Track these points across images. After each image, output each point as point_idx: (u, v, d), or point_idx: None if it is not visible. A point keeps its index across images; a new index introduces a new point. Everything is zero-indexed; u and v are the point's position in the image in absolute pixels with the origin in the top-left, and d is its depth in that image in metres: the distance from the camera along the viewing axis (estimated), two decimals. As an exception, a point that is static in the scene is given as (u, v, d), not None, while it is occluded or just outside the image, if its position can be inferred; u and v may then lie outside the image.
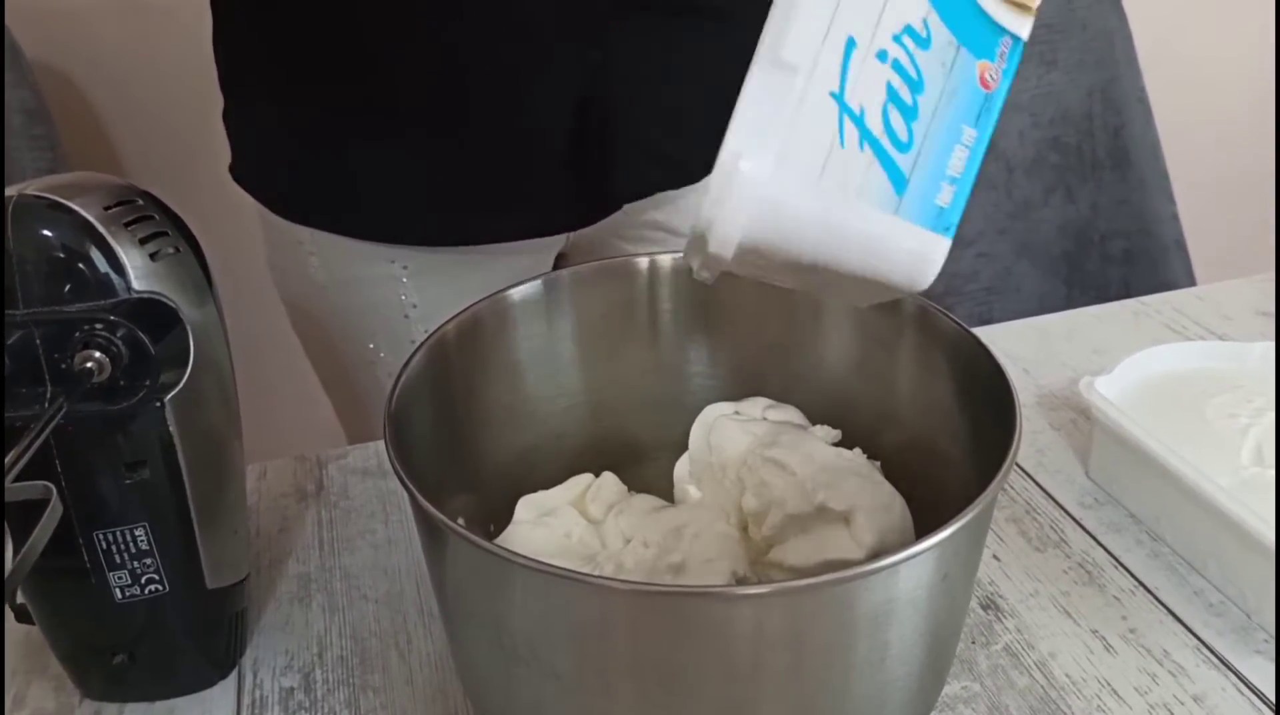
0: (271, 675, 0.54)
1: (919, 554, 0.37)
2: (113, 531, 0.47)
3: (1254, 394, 0.64)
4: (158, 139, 1.27)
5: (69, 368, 0.43)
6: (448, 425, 0.50)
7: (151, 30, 1.22)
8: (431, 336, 0.49)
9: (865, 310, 0.53)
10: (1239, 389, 0.65)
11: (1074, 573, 0.59)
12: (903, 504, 0.50)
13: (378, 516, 0.65)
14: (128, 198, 0.45)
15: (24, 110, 1.06)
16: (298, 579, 0.60)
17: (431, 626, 0.57)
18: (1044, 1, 0.38)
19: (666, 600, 0.38)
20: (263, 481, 0.68)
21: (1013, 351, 0.78)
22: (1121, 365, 0.66)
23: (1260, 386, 0.65)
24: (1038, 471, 0.67)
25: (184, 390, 0.46)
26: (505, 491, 0.54)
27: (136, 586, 0.48)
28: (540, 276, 0.53)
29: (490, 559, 0.38)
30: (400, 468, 0.40)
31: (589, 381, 0.56)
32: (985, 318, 1.22)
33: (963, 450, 0.49)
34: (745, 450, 0.52)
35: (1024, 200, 1.34)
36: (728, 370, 0.57)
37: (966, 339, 0.48)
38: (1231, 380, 0.66)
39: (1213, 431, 0.62)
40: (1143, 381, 0.66)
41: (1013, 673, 0.53)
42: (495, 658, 0.42)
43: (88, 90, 1.24)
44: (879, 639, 0.39)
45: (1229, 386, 0.65)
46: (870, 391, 0.54)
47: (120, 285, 0.44)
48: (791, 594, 0.37)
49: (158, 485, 0.47)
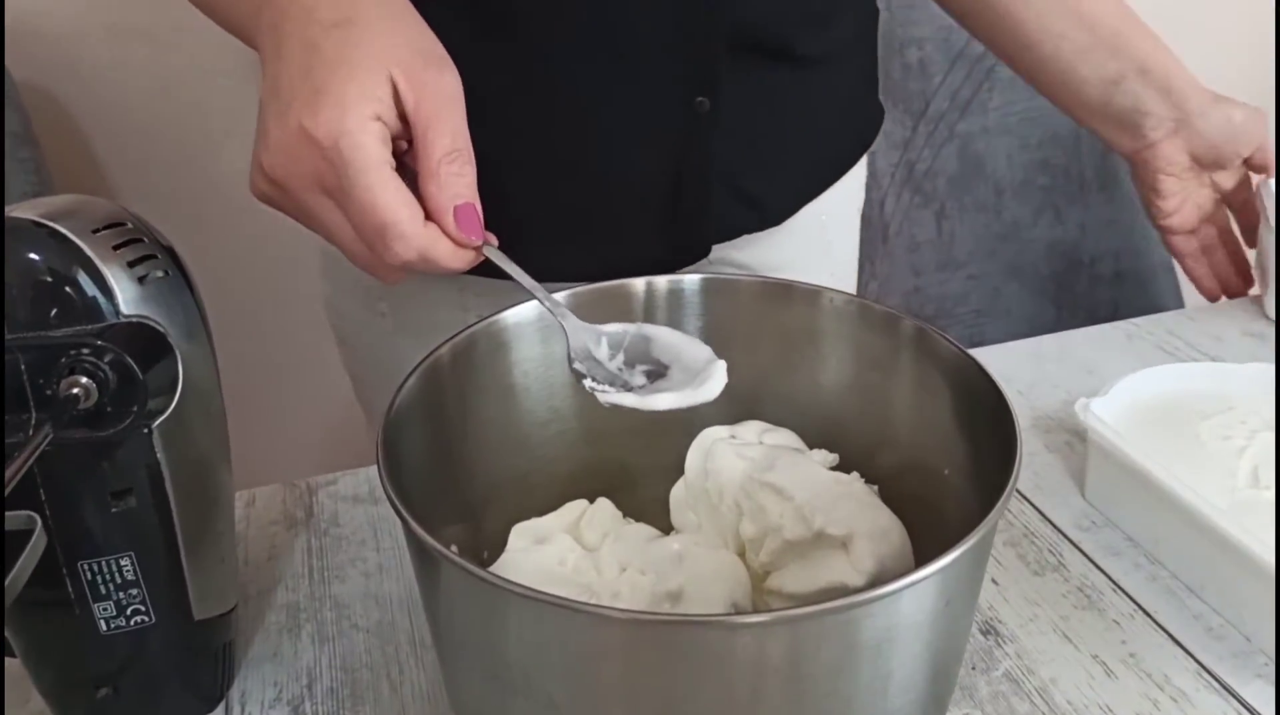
0: (260, 708, 0.53)
1: (921, 580, 0.36)
2: (98, 561, 0.46)
3: (1248, 414, 0.64)
4: (145, 162, 1.26)
5: (55, 394, 0.42)
6: (441, 450, 0.50)
7: (139, 53, 1.21)
8: (426, 360, 0.48)
9: (862, 332, 0.53)
10: (1232, 411, 0.65)
11: (1073, 597, 0.59)
12: (902, 529, 0.50)
13: (369, 544, 0.64)
14: (117, 220, 0.45)
15: (10, 133, 1.06)
16: (287, 608, 0.59)
17: (424, 657, 0.56)
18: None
19: (665, 629, 0.37)
20: (251, 508, 0.67)
21: (1006, 373, 0.78)
22: (1116, 387, 0.66)
23: (1253, 406, 0.65)
24: (1034, 494, 0.66)
25: (172, 417, 0.45)
26: (499, 517, 0.53)
27: (122, 618, 0.47)
28: (533, 300, 0.53)
29: (484, 587, 0.37)
30: (393, 493, 0.40)
31: (583, 406, 0.55)
32: (976, 340, 1.22)
33: (961, 474, 0.49)
34: (742, 475, 0.51)
35: (1013, 222, 1.35)
36: (723, 394, 0.57)
37: (964, 361, 0.48)
38: (1225, 401, 0.66)
39: (1208, 453, 0.61)
40: (1137, 403, 0.66)
41: (1014, 699, 0.52)
42: (490, 689, 0.41)
43: (74, 113, 1.23)
44: (881, 667, 0.38)
45: (1223, 407, 0.65)
46: (867, 414, 0.54)
47: (108, 309, 0.43)
48: (792, 622, 0.37)
49: (144, 514, 0.46)
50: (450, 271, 0.48)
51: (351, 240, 0.48)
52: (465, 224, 0.47)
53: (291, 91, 0.47)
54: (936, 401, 0.50)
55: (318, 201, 0.47)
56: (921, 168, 1.30)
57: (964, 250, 1.35)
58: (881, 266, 1.33)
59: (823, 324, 0.54)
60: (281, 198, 0.48)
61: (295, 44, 0.48)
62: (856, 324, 0.53)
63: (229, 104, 1.23)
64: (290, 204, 0.48)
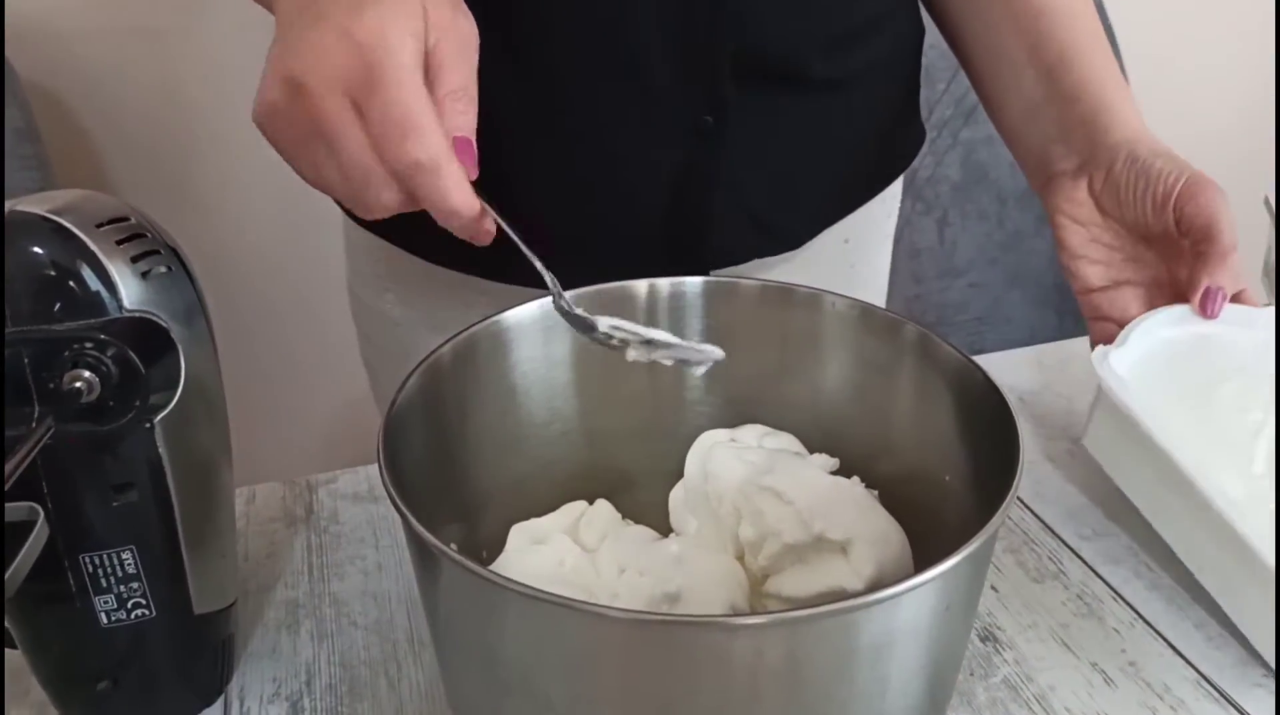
0: (258, 703, 0.53)
1: (921, 585, 0.36)
2: (99, 555, 0.46)
3: (1260, 379, 0.60)
4: (148, 159, 1.26)
5: (57, 387, 0.42)
6: (441, 449, 0.50)
7: (142, 51, 1.22)
8: (426, 360, 0.48)
9: (864, 337, 0.53)
10: (1245, 371, 0.61)
11: (1073, 604, 0.58)
12: (901, 534, 0.50)
13: (368, 542, 0.64)
14: (121, 216, 0.45)
15: (14, 129, 1.06)
16: (286, 605, 0.59)
17: (422, 655, 0.56)
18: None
19: (663, 629, 0.37)
20: (251, 505, 0.67)
21: (1007, 381, 0.78)
22: (1136, 332, 0.61)
23: (1264, 368, 0.61)
24: (1035, 502, 0.66)
25: (174, 411, 0.45)
26: (498, 518, 0.53)
27: (122, 611, 0.47)
28: (536, 300, 0.53)
29: (483, 585, 0.37)
30: (393, 491, 0.40)
31: (584, 407, 0.55)
32: (977, 347, 1.22)
33: (961, 480, 0.49)
34: (741, 479, 0.51)
35: (1015, 231, 1.35)
36: (723, 397, 0.57)
37: (967, 367, 0.48)
38: (1240, 357, 0.61)
39: (1221, 427, 0.58)
40: (1154, 353, 0.61)
41: (1012, 706, 0.52)
42: (487, 687, 0.41)
43: (78, 110, 1.24)
44: (879, 671, 0.38)
45: (1236, 366, 0.61)
46: (868, 419, 0.54)
47: (111, 304, 0.43)
48: (791, 624, 0.37)
49: (146, 508, 0.46)
50: (447, 207, 0.46)
51: (348, 165, 0.45)
52: (462, 156, 0.46)
53: (330, 4, 0.46)
54: (938, 407, 0.50)
55: (335, 104, 0.45)
56: (924, 175, 1.30)
57: (965, 258, 1.35)
58: (884, 273, 1.33)
59: (824, 328, 0.54)
60: (291, 106, 0.46)
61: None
62: (858, 328, 0.53)
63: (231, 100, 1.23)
64: (300, 113, 0.45)
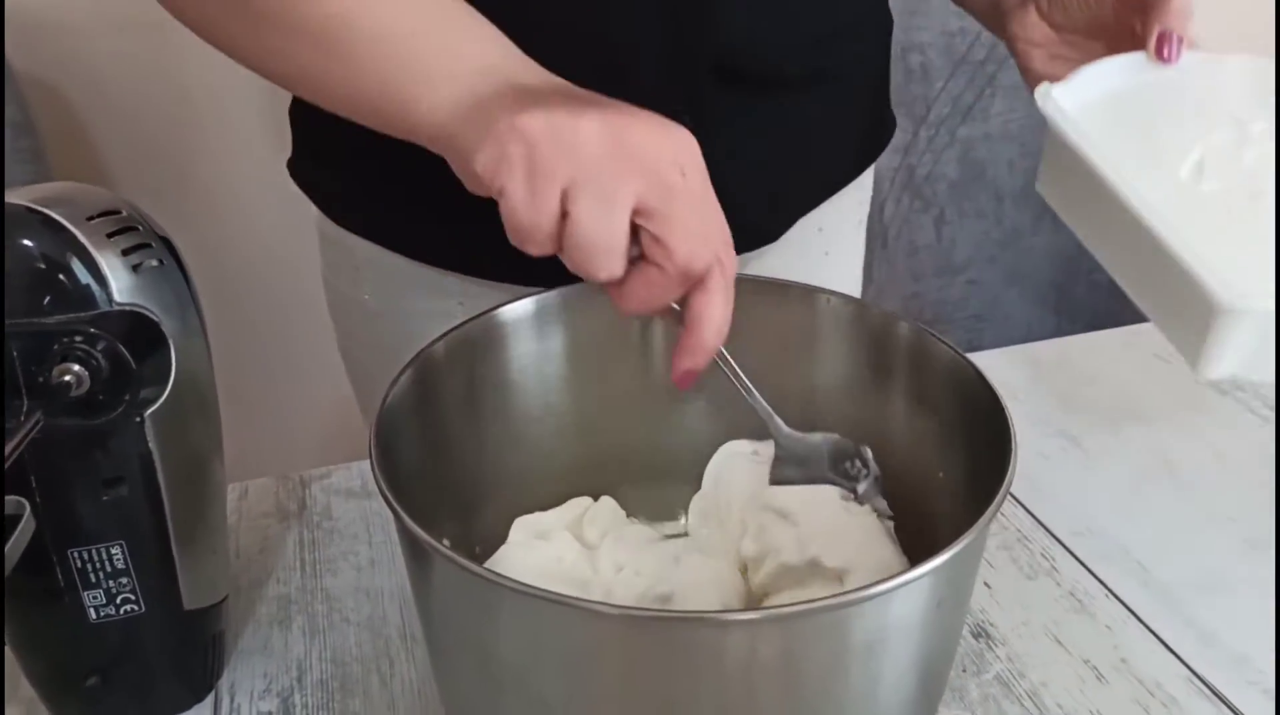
0: (249, 699, 0.53)
1: (913, 581, 0.36)
2: (88, 550, 0.46)
3: (1210, 106, 0.56)
4: (144, 153, 1.26)
5: (47, 381, 0.42)
6: (434, 445, 0.50)
7: (139, 45, 1.21)
8: (419, 355, 0.48)
9: (858, 333, 0.53)
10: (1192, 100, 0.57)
11: (1065, 601, 0.58)
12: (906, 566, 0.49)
13: (361, 538, 0.64)
14: (111, 208, 0.45)
15: (10, 122, 1.06)
16: (278, 601, 0.59)
17: (415, 651, 0.56)
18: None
19: (657, 626, 0.37)
20: (244, 501, 0.67)
21: (1002, 378, 0.77)
22: (1083, 74, 0.57)
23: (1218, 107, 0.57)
24: (1028, 499, 0.66)
25: (165, 406, 0.45)
26: (492, 514, 0.53)
27: (111, 607, 0.47)
28: (531, 296, 0.52)
29: (476, 582, 0.37)
30: (385, 487, 0.39)
31: (579, 402, 0.55)
32: (974, 345, 1.22)
33: (955, 476, 0.49)
34: (751, 493, 0.51)
35: (1013, 229, 1.35)
36: (716, 392, 0.56)
37: (961, 364, 0.48)
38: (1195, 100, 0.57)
39: (1156, 143, 0.55)
40: (1104, 93, 0.57)
41: (1004, 702, 0.52)
42: (481, 685, 0.41)
43: (74, 103, 1.23)
44: (872, 667, 0.38)
45: (1192, 107, 0.57)
46: (862, 416, 0.54)
47: (101, 297, 0.43)
48: (784, 620, 0.37)
49: (136, 503, 0.46)
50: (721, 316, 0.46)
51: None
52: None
53: (613, 108, 0.46)
54: (931, 404, 0.50)
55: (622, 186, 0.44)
56: (922, 173, 1.30)
57: (963, 256, 1.35)
58: (880, 271, 1.33)
59: (819, 325, 0.54)
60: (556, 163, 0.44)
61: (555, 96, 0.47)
62: (853, 326, 0.53)
63: (229, 96, 1.23)
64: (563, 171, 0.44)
